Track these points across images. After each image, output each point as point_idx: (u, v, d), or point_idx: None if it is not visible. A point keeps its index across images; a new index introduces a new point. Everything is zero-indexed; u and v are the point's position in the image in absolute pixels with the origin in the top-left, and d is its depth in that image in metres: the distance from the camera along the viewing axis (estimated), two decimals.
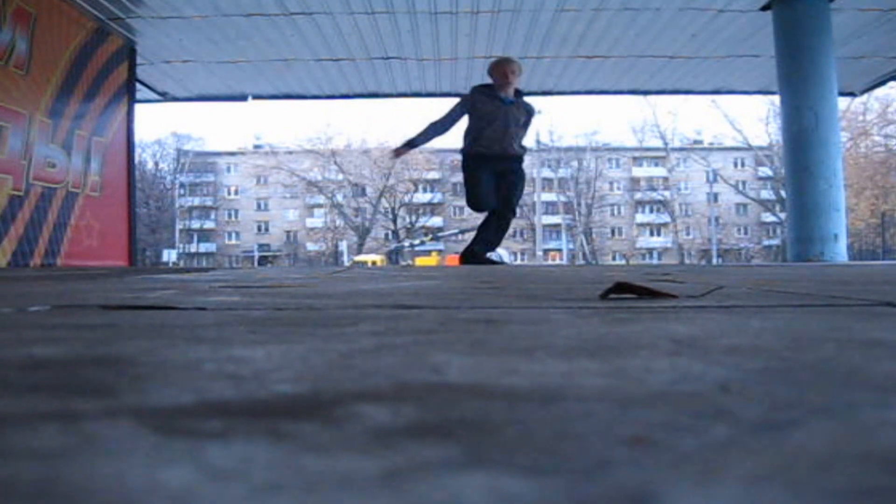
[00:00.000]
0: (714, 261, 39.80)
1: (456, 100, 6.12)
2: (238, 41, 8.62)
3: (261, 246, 49.10)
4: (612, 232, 50.08)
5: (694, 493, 0.29)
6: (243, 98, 11.24)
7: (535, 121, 6.11)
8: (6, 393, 0.50)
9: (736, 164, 48.49)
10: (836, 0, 7.33)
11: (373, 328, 0.89)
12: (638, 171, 50.80)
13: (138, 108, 8.94)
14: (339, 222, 47.56)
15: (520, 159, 5.98)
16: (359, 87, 10.80)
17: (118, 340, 0.79)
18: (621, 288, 1.41)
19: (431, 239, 31.45)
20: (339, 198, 47.36)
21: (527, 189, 6.68)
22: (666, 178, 49.76)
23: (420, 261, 30.64)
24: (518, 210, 6.26)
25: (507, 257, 26.98)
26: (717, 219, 45.00)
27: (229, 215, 51.05)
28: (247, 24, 8.11)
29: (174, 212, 46.39)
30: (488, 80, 5.97)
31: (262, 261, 46.56)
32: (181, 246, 46.54)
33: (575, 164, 47.37)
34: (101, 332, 0.87)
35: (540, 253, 38.41)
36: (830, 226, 7.02)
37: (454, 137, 6.29)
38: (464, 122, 5.97)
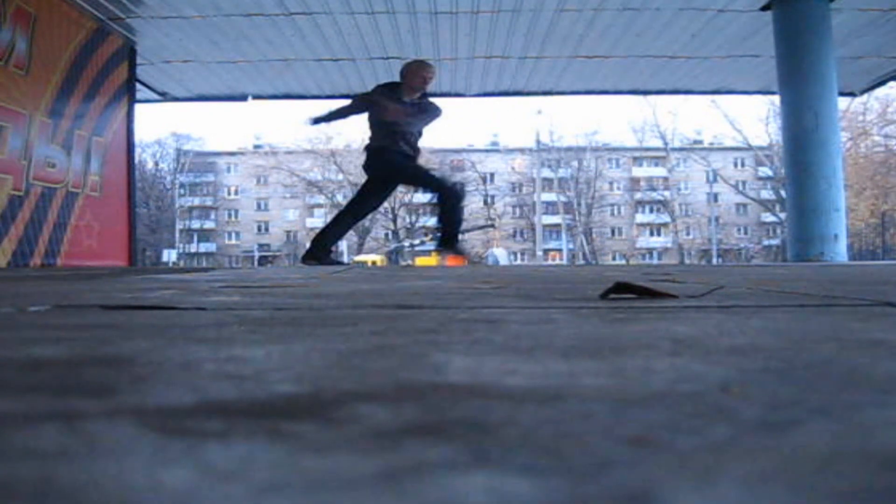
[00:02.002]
0: (714, 261, 39.77)
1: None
2: (238, 41, 8.61)
3: (261, 246, 49.10)
4: (612, 232, 50.05)
5: (694, 493, 0.29)
6: (243, 98, 11.23)
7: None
8: (6, 393, 0.50)
9: (736, 164, 48.45)
10: (836, 0, 7.33)
11: (373, 328, 0.89)
12: (638, 171, 50.77)
13: (138, 108, 8.92)
14: None
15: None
16: (359, 87, 10.76)
17: (118, 340, 0.79)
18: (621, 288, 1.41)
19: (431, 239, 31.41)
20: (339, 198, 47.34)
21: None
22: (666, 178, 49.73)
23: (420, 261, 30.61)
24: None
25: (505, 258, 26.94)
26: (717, 219, 44.96)
27: (229, 215, 51.04)
28: (247, 24, 8.10)
29: (174, 212, 46.38)
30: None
31: (262, 261, 46.55)
32: (181, 246, 46.53)
33: (575, 164, 47.32)
34: (101, 332, 0.87)
35: (540, 253, 38.41)
36: (830, 226, 7.01)
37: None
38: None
